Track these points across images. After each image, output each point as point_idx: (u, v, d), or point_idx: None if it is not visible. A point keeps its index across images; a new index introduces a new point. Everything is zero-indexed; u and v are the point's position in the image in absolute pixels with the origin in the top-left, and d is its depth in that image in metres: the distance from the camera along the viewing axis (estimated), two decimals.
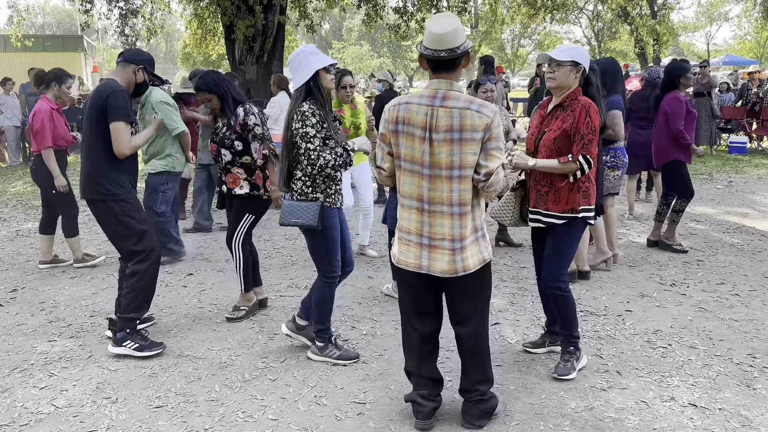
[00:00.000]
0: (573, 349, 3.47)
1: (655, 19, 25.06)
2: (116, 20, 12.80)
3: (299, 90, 3.39)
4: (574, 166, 3.29)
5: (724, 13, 38.77)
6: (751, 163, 11.15)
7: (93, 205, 3.74)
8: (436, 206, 2.70)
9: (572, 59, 3.30)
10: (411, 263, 2.78)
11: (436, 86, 2.70)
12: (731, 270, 5.27)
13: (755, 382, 3.36)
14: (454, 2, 12.61)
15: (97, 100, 3.62)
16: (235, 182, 4.14)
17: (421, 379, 2.96)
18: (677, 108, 5.52)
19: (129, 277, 3.75)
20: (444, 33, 2.60)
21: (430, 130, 2.64)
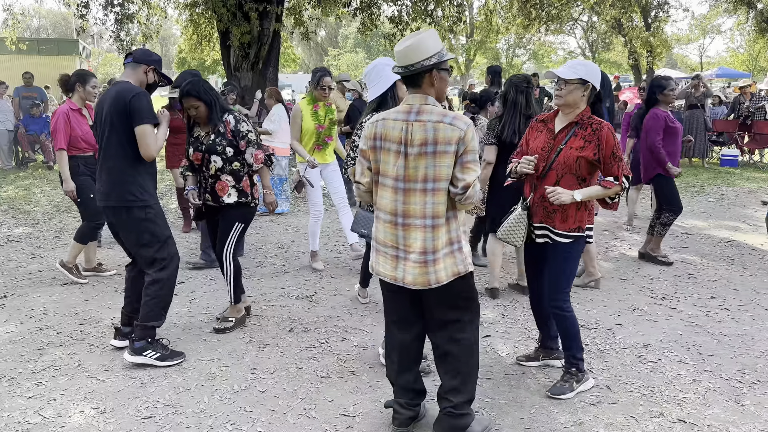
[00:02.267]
0: (575, 371, 3.41)
1: (648, 31, 25.25)
2: (111, 25, 12.79)
3: (374, 101, 3.48)
4: (619, 188, 3.25)
5: (717, 26, 39.16)
6: (742, 176, 11.22)
7: (117, 212, 3.66)
8: (409, 219, 2.71)
9: (580, 77, 3.24)
10: (388, 275, 2.81)
11: (411, 101, 2.72)
12: (722, 284, 5.29)
13: (744, 398, 3.38)
14: (448, 12, 12.67)
15: (119, 104, 3.55)
16: (224, 190, 4.11)
17: (400, 388, 2.97)
18: (653, 124, 5.62)
19: (150, 285, 3.71)
20: (400, 50, 2.65)
21: (406, 144, 2.67)
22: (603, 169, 3.26)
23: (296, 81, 42.74)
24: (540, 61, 47.77)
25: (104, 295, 5.01)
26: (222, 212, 4.20)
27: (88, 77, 5.23)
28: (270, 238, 6.88)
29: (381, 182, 2.78)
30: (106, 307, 4.73)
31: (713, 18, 36.78)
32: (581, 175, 3.28)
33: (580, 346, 3.41)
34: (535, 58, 48.16)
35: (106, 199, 3.67)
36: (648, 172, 5.79)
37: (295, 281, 5.37)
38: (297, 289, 5.16)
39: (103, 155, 3.66)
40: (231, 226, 4.18)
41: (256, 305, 4.76)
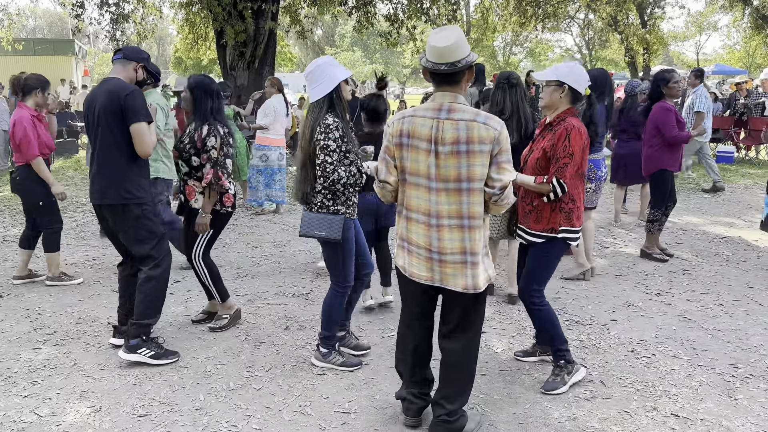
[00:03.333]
0: (563, 363, 3.44)
1: (644, 28, 25.28)
2: (107, 25, 12.78)
3: (321, 101, 3.38)
4: (547, 188, 3.30)
5: (713, 23, 39.14)
6: (738, 172, 11.25)
7: (113, 211, 3.65)
8: (443, 220, 2.67)
9: (557, 78, 3.31)
10: (424, 276, 2.77)
11: (440, 99, 2.68)
12: (716, 280, 5.31)
13: (737, 392, 3.39)
14: (443, 11, 12.68)
15: (113, 102, 3.52)
16: (191, 194, 4.07)
17: (412, 379, 3.01)
18: (665, 118, 5.52)
19: (145, 283, 3.70)
20: (444, 46, 2.57)
21: (436, 142, 2.63)
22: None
23: (293, 80, 42.73)
24: (537, 59, 47.80)
25: (100, 294, 5.02)
26: (193, 217, 4.16)
27: (48, 85, 5.17)
28: (266, 236, 6.89)
29: (410, 181, 2.73)
30: (102, 306, 4.73)
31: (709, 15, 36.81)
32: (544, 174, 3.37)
33: (561, 338, 3.44)
34: (531, 56, 48.19)
35: (102, 198, 3.64)
36: (650, 165, 5.71)
37: (291, 279, 5.38)
38: (293, 287, 5.17)
39: (98, 154, 3.62)
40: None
41: (252, 303, 4.77)
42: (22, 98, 5.10)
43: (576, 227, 3.39)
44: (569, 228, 3.37)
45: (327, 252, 3.56)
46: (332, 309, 3.61)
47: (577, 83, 3.32)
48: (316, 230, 3.44)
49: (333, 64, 3.45)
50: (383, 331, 4.22)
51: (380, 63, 52.85)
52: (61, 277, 5.29)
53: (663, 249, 5.96)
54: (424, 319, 2.96)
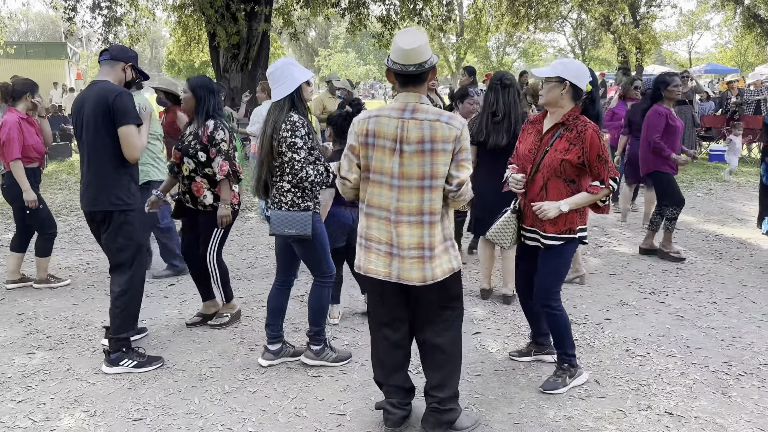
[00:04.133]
0: (567, 366, 3.44)
1: (637, 27, 25.36)
2: (100, 28, 12.74)
3: (283, 101, 3.42)
4: (607, 191, 3.25)
5: (705, 22, 39.33)
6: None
7: (104, 216, 3.61)
8: (403, 216, 2.72)
9: (557, 75, 3.24)
10: (381, 271, 2.79)
11: (404, 99, 2.73)
12: (709, 278, 5.34)
13: (730, 389, 3.41)
14: (437, 12, 12.70)
15: (102, 104, 3.47)
16: (199, 191, 4.10)
17: (391, 388, 2.99)
18: (655, 121, 5.59)
19: (120, 297, 3.64)
20: (411, 48, 2.63)
21: (401, 141, 2.68)
22: (589, 172, 3.26)
23: None
24: (530, 59, 47.89)
25: (94, 298, 5.00)
26: (201, 219, 4.17)
27: (37, 89, 5.15)
28: (260, 239, 6.88)
29: (373, 179, 2.77)
30: (96, 310, 4.72)
31: (701, 14, 37.01)
32: (568, 177, 3.28)
33: (571, 343, 3.43)
34: (525, 56, 48.28)
35: (94, 204, 3.61)
36: (645, 167, 5.76)
37: None
38: None
39: (88, 158, 3.59)
40: (211, 232, 4.18)
41: (247, 306, 4.76)
42: (12, 104, 5.08)
43: (586, 224, 3.41)
44: (583, 226, 3.37)
45: (301, 249, 3.58)
46: (319, 301, 3.65)
47: (578, 79, 3.25)
48: (286, 228, 3.46)
49: (294, 64, 3.48)
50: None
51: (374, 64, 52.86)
52: (49, 280, 5.29)
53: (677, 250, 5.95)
54: (395, 324, 2.93)
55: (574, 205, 3.24)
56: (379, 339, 2.98)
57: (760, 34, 23.79)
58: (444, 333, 2.87)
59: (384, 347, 2.96)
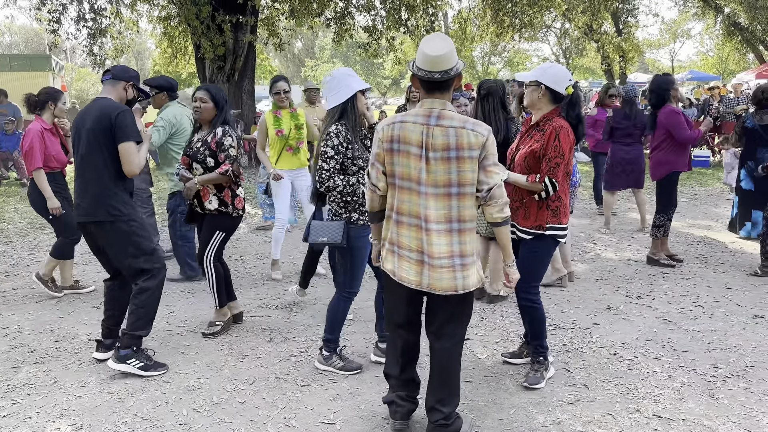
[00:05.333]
0: (542, 359, 3.57)
1: (620, 36, 25.68)
2: (84, 40, 12.69)
3: (334, 110, 3.48)
4: (540, 187, 3.38)
5: (687, 31, 39.89)
6: (714, 176, 11.44)
7: (101, 228, 3.66)
8: (432, 224, 2.70)
9: (535, 79, 3.39)
10: (412, 280, 2.77)
11: (429, 105, 2.72)
12: (695, 282, 5.39)
13: (718, 391, 3.44)
14: (422, 22, 12.77)
15: (103, 121, 3.57)
16: (206, 196, 4.21)
17: (400, 381, 3.02)
18: (676, 119, 5.61)
19: (139, 294, 3.71)
20: (438, 55, 2.62)
21: (427, 148, 2.67)
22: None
23: None
24: (515, 68, 48.25)
25: (80, 311, 4.95)
26: (205, 220, 4.28)
27: (60, 95, 5.22)
28: (248, 249, 6.86)
29: (400, 185, 2.76)
30: (82, 323, 4.67)
31: (683, 23, 37.53)
32: (534, 173, 3.43)
33: (545, 335, 3.58)
34: (510, 65, 48.67)
35: (88, 215, 3.66)
36: (661, 169, 5.75)
37: (275, 291, 5.35)
38: (276, 299, 5.15)
39: (85, 171, 3.66)
40: (212, 234, 4.25)
41: None
42: (39, 113, 5.18)
43: (563, 224, 3.45)
44: (557, 225, 3.42)
45: (339, 256, 3.63)
46: (336, 313, 3.66)
47: (556, 83, 3.35)
48: (319, 236, 3.54)
49: (351, 74, 3.55)
50: (367, 341, 4.21)
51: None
52: (47, 284, 5.30)
53: (672, 255, 5.96)
54: (410, 321, 2.98)
55: (513, 180, 3.43)
56: (396, 338, 3.01)
57: (741, 41, 24.15)
58: (455, 347, 2.89)
59: (401, 345, 3.00)
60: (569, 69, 38.81)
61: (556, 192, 3.39)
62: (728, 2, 22.94)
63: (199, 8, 11.22)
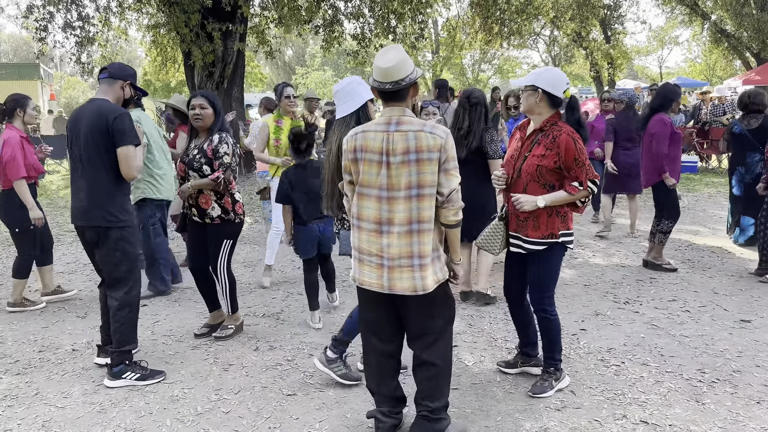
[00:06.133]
0: (553, 370, 3.52)
1: (608, 43, 25.83)
2: (72, 48, 12.63)
3: (350, 117, 3.42)
4: (586, 193, 3.31)
5: (675, 38, 40.24)
6: (701, 181, 11.51)
7: (95, 232, 3.63)
8: (393, 227, 2.73)
9: (531, 83, 3.33)
10: (374, 283, 2.80)
11: (389, 113, 2.78)
12: (682, 287, 5.40)
13: (704, 397, 3.44)
14: (410, 30, 12.81)
15: (100, 123, 3.51)
16: (207, 203, 4.18)
17: (381, 397, 3.00)
18: (662, 130, 5.63)
19: (119, 311, 3.67)
20: (387, 67, 2.71)
21: (388, 154, 2.71)
22: (568, 174, 3.31)
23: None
24: (505, 76, 48.47)
25: (65, 321, 4.90)
26: (209, 231, 4.25)
27: (27, 100, 5.09)
28: (236, 257, 6.81)
29: (361, 192, 2.80)
30: (67, 333, 4.62)
31: (670, 30, 37.81)
32: (547, 182, 3.33)
33: (560, 348, 3.52)
34: (500, 72, 48.86)
35: (86, 219, 3.63)
36: (650, 177, 5.79)
37: (262, 299, 5.32)
38: (263, 307, 5.11)
39: (81, 174, 3.61)
40: (220, 244, 4.26)
41: None
42: (9, 121, 5.06)
43: (571, 229, 3.42)
44: (567, 231, 3.39)
45: None
46: (355, 322, 3.58)
47: (553, 86, 3.30)
48: (350, 249, 3.46)
49: (361, 83, 3.53)
50: (354, 349, 4.18)
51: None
52: (24, 303, 5.17)
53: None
54: (384, 334, 2.95)
55: (551, 202, 3.28)
56: (370, 348, 3.00)
57: (727, 48, 24.34)
58: (434, 345, 2.89)
59: (375, 357, 2.98)
60: None
61: None
62: (715, 9, 23.15)
63: (188, 16, 11.19)
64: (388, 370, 3.00)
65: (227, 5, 11.08)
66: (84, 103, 3.76)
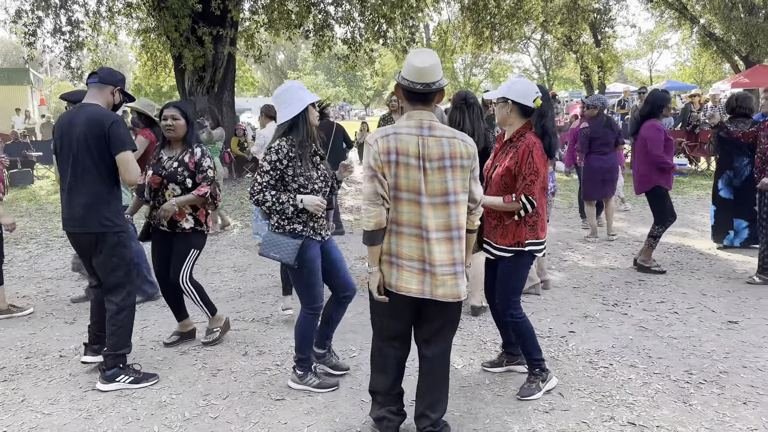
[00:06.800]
0: (538, 371, 3.54)
1: (598, 47, 25.98)
2: (61, 52, 12.59)
3: (285, 123, 3.44)
4: (517, 206, 3.36)
5: (664, 41, 40.53)
6: (691, 184, 11.58)
7: (90, 238, 3.62)
8: (432, 233, 2.73)
9: (502, 95, 3.41)
10: (414, 289, 2.77)
11: (419, 117, 2.76)
12: (671, 289, 5.43)
13: (691, 398, 3.45)
14: (401, 34, 12.84)
15: (96, 129, 3.50)
16: (182, 215, 4.11)
17: (389, 397, 3.02)
18: (657, 135, 5.67)
19: (116, 315, 3.68)
20: (423, 67, 2.70)
21: (423, 158, 2.71)
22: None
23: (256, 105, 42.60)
24: (497, 80, 48.66)
25: (53, 327, 4.87)
26: (177, 239, 4.17)
27: None
28: (226, 262, 6.80)
29: (399, 197, 2.75)
30: (54, 339, 4.59)
31: (660, 33, 38.09)
32: (511, 190, 3.41)
33: (538, 348, 3.53)
34: (492, 76, 49.05)
35: (82, 225, 3.61)
36: (643, 183, 5.81)
37: (251, 304, 5.30)
38: (253, 312, 5.10)
39: (76, 180, 3.59)
40: (187, 252, 4.17)
41: None
42: None
43: (541, 239, 3.46)
44: (535, 240, 3.42)
45: (291, 274, 3.57)
46: (303, 331, 3.59)
47: (523, 97, 3.36)
48: (271, 252, 3.45)
49: (302, 87, 3.51)
50: (344, 353, 4.18)
51: (343, 86, 53.13)
52: (10, 310, 5.13)
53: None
54: (405, 334, 2.98)
55: (488, 203, 3.38)
56: (386, 354, 2.99)
57: (716, 51, 24.52)
58: (446, 353, 2.95)
59: (390, 362, 2.99)
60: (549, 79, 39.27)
61: (534, 208, 3.38)
62: (703, 13, 23.34)
63: (178, 20, 11.19)
64: (400, 372, 3.04)
65: (217, 9, 11.08)
66: (73, 108, 3.72)
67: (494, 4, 14.40)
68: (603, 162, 7.03)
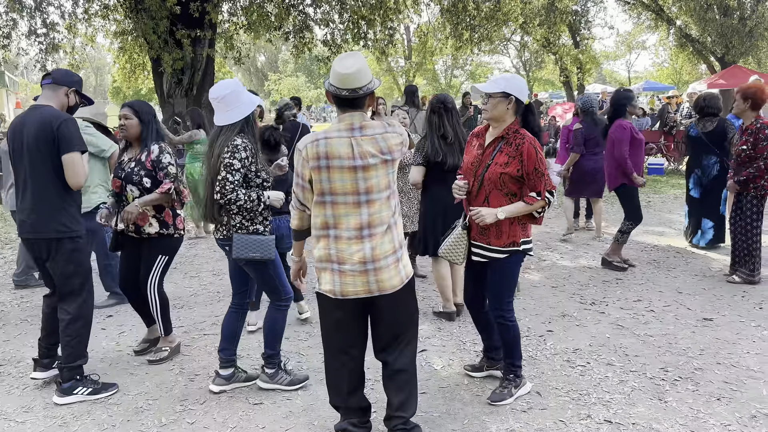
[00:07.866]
0: (513, 377, 3.50)
1: (577, 48, 26.22)
2: (36, 55, 12.40)
3: (236, 123, 3.41)
4: (543, 203, 3.30)
5: (642, 43, 40.95)
6: (668, 183, 11.72)
7: (48, 245, 3.51)
8: (375, 228, 2.74)
9: (501, 90, 3.29)
10: (360, 290, 2.75)
11: (350, 119, 2.74)
12: (648, 287, 5.49)
13: (666, 395, 3.49)
14: (380, 35, 12.84)
15: (46, 131, 3.38)
16: (144, 219, 3.98)
17: (350, 410, 2.96)
18: (621, 135, 5.79)
19: (71, 324, 3.56)
20: (346, 73, 2.67)
21: (359, 158, 2.69)
22: (527, 184, 3.30)
23: None
24: (477, 81, 48.88)
25: (26, 333, 4.79)
26: (144, 245, 4.06)
27: None
28: (205, 266, 6.74)
29: (335, 201, 2.73)
30: (29, 345, 4.52)
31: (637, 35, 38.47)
32: (510, 190, 3.32)
33: (519, 355, 3.52)
34: (472, 78, 49.26)
35: (35, 231, 3.51)
36: (612, 181, 6.00)
37: None
38: None
39: (30, 185, 3.48)
40: (155, 259, 4.04)
41: (188, 335, 4.64)
42: None
43: (530, 236, 3.44)
44: (526, 239, 3.41)
45: (258, 273, 3.54)
46: (276, 325, 3.61)
47: (521, 93, 3.32)
48: (250, 252, 3.42)
49: (244, 88, 3.52)
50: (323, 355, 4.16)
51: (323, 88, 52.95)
52: None
53: (626, 260, 6.14)
54: (355, 345, 2.91)
55: (510, 213, 3.27)
56: (337, 365, 2.93)
57: (692, 52, 24.87)
58: (405, 351, 2.91)
59: (342, 373, 2.92)
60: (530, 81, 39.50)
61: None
62: (680, 15, 23.64)
63: (155, 23, 11.07)
64: (355, 384, 2.95)
65: (195, 11, 10.99)
66: (25, 110, 3.60)
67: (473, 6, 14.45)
68: (594, 162, 7.10)
